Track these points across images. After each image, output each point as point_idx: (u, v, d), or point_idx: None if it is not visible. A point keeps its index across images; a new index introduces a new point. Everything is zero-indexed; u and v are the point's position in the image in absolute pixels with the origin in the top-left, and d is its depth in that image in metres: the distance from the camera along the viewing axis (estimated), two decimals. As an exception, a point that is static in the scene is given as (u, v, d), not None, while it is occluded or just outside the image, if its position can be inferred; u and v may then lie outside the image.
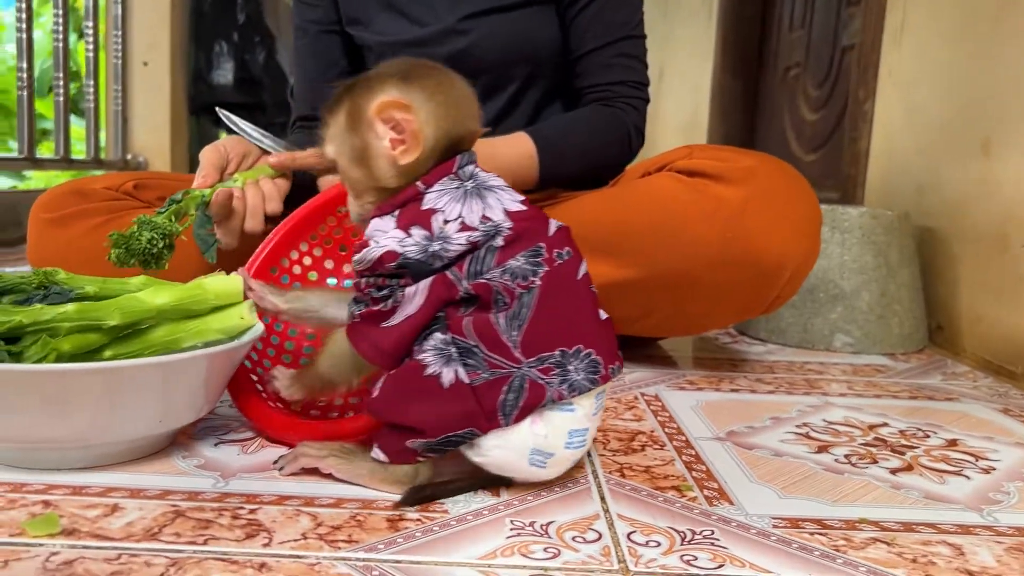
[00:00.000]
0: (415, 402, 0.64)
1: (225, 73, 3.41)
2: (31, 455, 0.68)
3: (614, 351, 0.67)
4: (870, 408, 1.00)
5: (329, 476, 0.69)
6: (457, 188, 0.66)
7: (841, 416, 0.96)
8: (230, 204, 0.91)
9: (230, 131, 1.09)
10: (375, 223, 0.66)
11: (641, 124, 1.16)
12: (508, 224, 0.65)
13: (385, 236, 0.65)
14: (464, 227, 0.64)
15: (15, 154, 2.48)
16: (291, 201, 0.97)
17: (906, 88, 1.56)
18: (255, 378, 0.82)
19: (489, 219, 0.64)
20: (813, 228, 0.98)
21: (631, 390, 1.02)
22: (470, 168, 0.67)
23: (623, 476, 0.73)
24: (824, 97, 2.24)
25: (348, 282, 0.92)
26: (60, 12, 2.66)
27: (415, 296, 0.64)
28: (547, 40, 1.15)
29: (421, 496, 0.66)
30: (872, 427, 0.92)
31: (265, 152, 1.03)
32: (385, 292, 0.65)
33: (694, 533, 0.62)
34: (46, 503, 0.62)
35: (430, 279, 0.64)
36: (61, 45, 2.67)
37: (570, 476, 0.72)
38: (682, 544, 0.60)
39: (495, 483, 0.69)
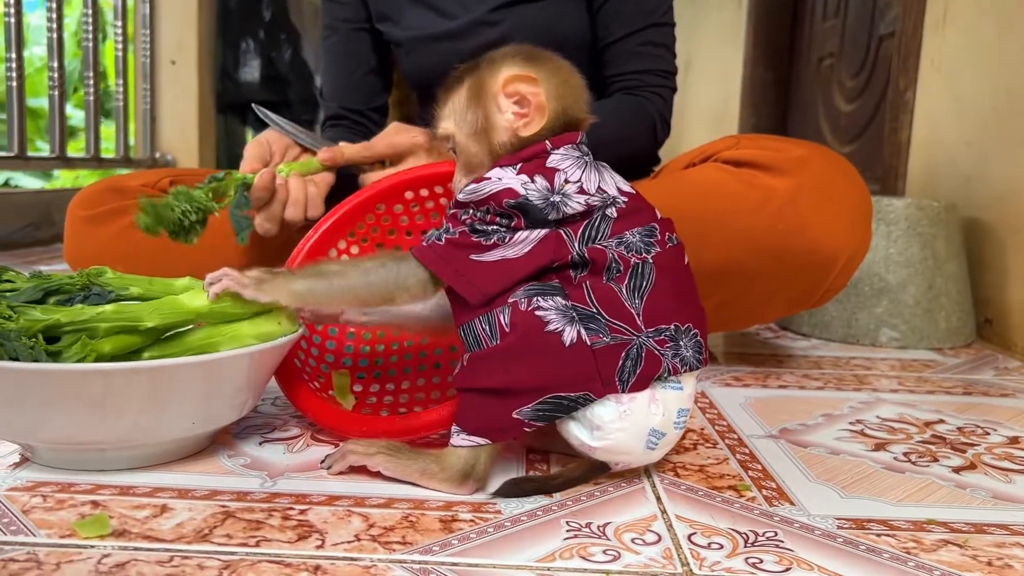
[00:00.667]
0: (530, 360, 0.62)
1: (252, 71, 3.41)
2: (75, 456, 0.67)
3: (706, 341, 0.68)
4: (924, 405, 0.97)
5: (377, 474, 0.67)
6: (579, 157, 0.67)
7: (895, 413, 0.93)
8: (272, 189, 0.90)
9: (261, 127, 1.08)
10: (496, 171, 0.66)
11: (667, 114, 1.14)
12: (622, 199, 0.66)
13: (506, 177, 0.65)
14: (582, 191, 0.65)
15: (46, 153, 2.50)
16: (332, 196, 0.96)
17: (950, 76, 1.52)
18: (307, 373, 0.81)
19: (604, 191, 0.66)
20: (865, 218, 0.96)
21: (676, 386, 1.00)
22: (585, 147, 0.69)
23: (677, 476, 0.71)
24: (860, 87, 2.20)
25: None
26: (90, 12, 2.67)
27: (522, 241, 0.64)
28: (576, 29, 1.13)
29: (523, 489, 0.65)
30: (928, 424, 0.89)
31: (304, 148, 1.02)
32: (489, 228, 0.64)
33: (757, 535, 0.60)
34: (95, 503, 0.61)
35: (544, 231, 0.64)
36: (91, 45, 2.68)
37: (622, 475, 0.70)
38: (746, 546, 0.58)
39: (598, 471, 0.68)
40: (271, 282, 0.68)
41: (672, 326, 0.64)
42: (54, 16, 2.43)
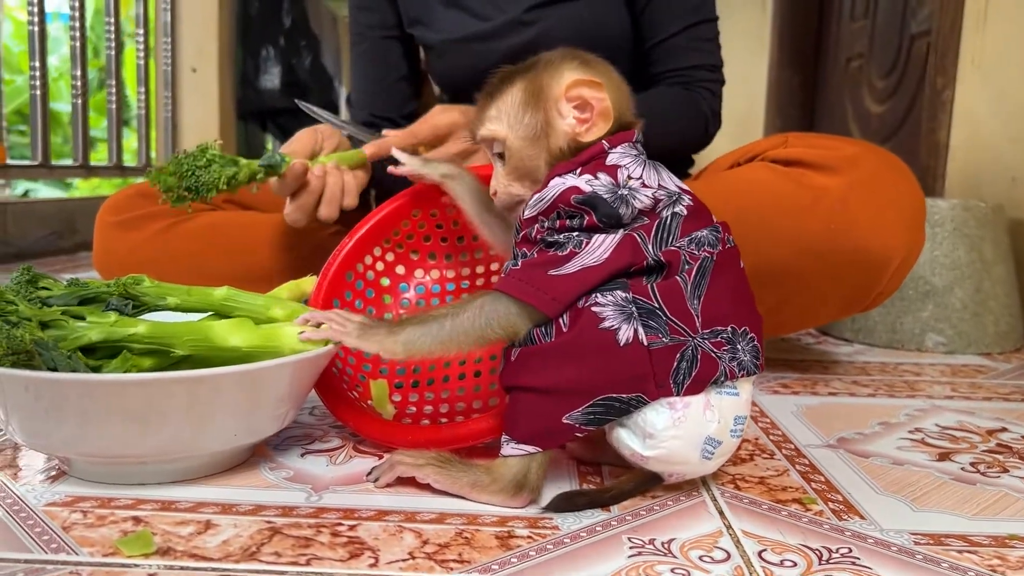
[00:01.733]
0: (582, 359, 0.60)
1: (272, 78, 3.41)
2: (114, 469, 0.65)
3: (763, 346, 0.65)
4: (983, 412, 0.93)
5: (426, 487, 0.65)
6: (637, 156, 0.66)
7: (954, 420, 0.89)
8: (302, 180, 0.89)
9: (282, 135, 1.06)
10: (555, 180, 0.64)
11: (718, 108, 1.13)
12: (687, 197, 0.65)
13: (569, 180, 0.64)
14: (645, 186, 0.64)
15: (69, 162, 2.49)
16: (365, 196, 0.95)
17: (992, 74, 1.49)
18: (345, 382, 0.78)
19: (665, 187, 0.65)
20: (919, 218, 0.92)
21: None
22: (641, 146, 0.68)
23: (738, 488, 0.68)
24: (892, 87, 2.16)
25: (420, 287, 0.88)
26: (112, 20, 2.67)
27: (600, 247, 0.61)
28: (616, 28, 1.11)
29: (576, 504, 0.63)
30: (991, 432, 0.85)
31: (354, 141, 1.01)
32: (561, 238, 0.62)
33: (830, 551, 0.57)
34: (136, 519, 0.59)
35: (619, 235, 0.62)
36: (113, 53, 2.68)
37: (679, 488, 0.67)
38: (820, 564, 0.55)
39: (652, 483, 0.65)
40: (376, 331, 0.65)
41: (729, 328, 0.62)
42: (76, 25, 2.43)
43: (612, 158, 0.64)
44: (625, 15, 1.11)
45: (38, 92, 2.21)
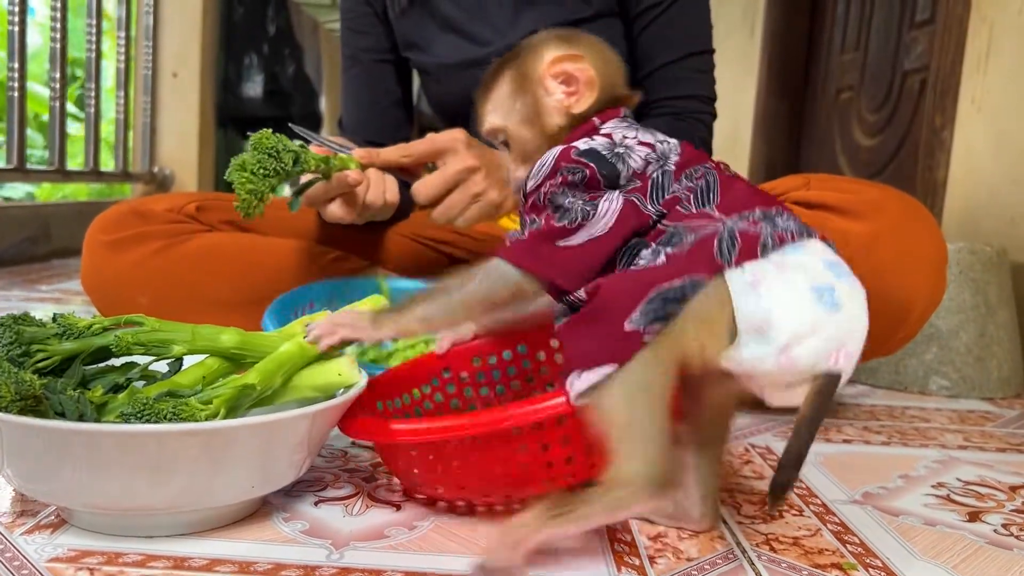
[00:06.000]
0: (624, 280, 0.58)
1: (254, 85, 3.36)
2: (120, 521, 0.61)
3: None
4: (1001, 465, 0.92)
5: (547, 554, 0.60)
6: (629, 125, 0.67)
7: (975, 475, 0.88)
8: (348, 188, 0.90)
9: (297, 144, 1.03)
10: (551, 150, 0.64)
11: (710, 140, 1.13)
12: (679, 149, 0.64)
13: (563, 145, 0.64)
14: (642, 143, 0.64)
15: (44, 166, 2.42)
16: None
17: (993, 115, 1.49)
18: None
19: (665, 142, 0.65)
20: (941, 266, 0.91)
21: (738, 440, 0.95)
22: (632, 119, 0.68)
23: (773, 550, 0.66)
24: (883, 122, 2.17)
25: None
26: (93, 22, 2.60)
27: (604, 215, 0.60)
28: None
29: (787, 481, 0.57)
30: (1014, 489, 0.84)
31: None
32: (567, 202, 0.61)
33: (882, 627, 0.55)
34: (149, 581, 0.55)
35: (620, 202, 0.61)
36: (94, 55, 2.62)
37: (711, 548, 0.65)
38: (874, 642, 0.53)
39: (822, 398, 0.56)
40: (388, 317, 0.66)
41: (756, 210, 0.59)
42: (58, 27, 2.37)
43: (605, 129, 0.65)
44: (624, 44, 1.09)
45: (15, 95, 2.14)
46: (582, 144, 0.63)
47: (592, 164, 0.62)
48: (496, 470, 0.63)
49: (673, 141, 0.65)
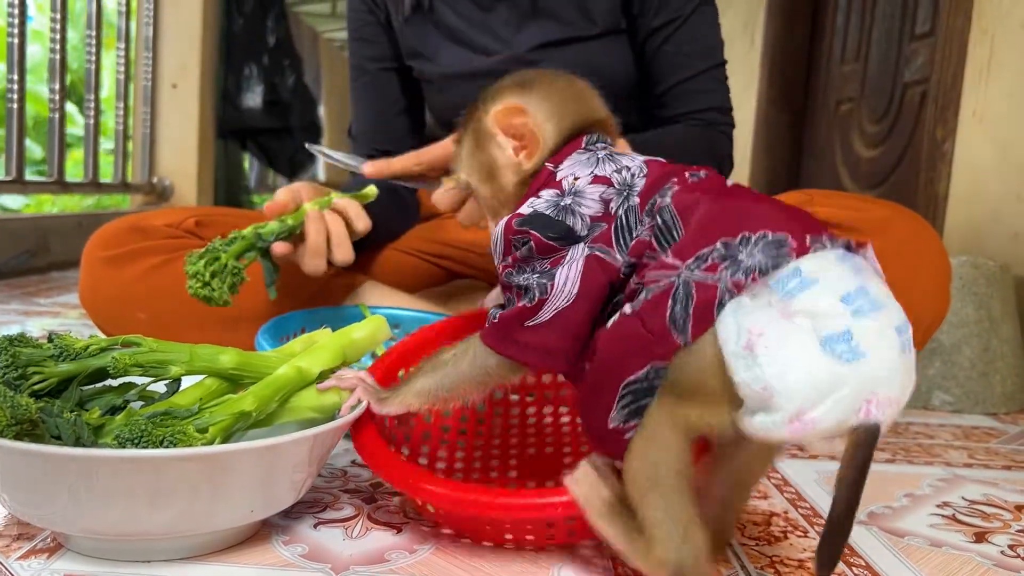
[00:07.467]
0: (605, 377, 0.54)
1: (254, 96, 3.36)
2: (117, 546, 0.60)
3: (812, 224, 0.53)
4: (1006, 484, 0.91)
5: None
6: (588, 157, 0.62)
7: (980, 494, 0.87)
8: (290, 248, 0.90)
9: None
10: (497, 227, 0.62)
11: (731, 151, 1.12)
12: (644, 171, 0.59)
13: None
14: (596, 179, 0.59)
15: (43, 178, 2.42)
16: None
17: (995, 128, 1.49)
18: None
19: (628, 167, 0.59)
20: (946, 283, 0.91)
21: (741, 457, 0.94)
22: (602, 145, 0.63)
23: (778, 573, 0.65)
24: (883, 133, 2.17)
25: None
26: (93, 33, 2.60)
27: (566, 284, 0.56)
28: (621, 72, 1.09)
29: (835, 551, 0.49)
30: (1020, 508, 0.83)
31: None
32: (523, 280, 0.58)
33: (890, 655, 0.54)
34: (146, 609, 0.54)
35: (581, 262, 0.56)
36: (93, 67, 2.62)
37: (716, 570, 0.64)
38: (883, 671, 0.52)
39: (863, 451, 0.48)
40: (395, 396, 0.66)
41: (718, 243, 0.51)
42: (57, 38, 2.36)
43: (560, 174, 0.61)
44: (630, 56, 1.09)
45: (15, 106, 2.14)
46: (526, 208, 0.60)
47: (535, 232, 0.58)
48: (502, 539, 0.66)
49: (639, 160, 0.60)
